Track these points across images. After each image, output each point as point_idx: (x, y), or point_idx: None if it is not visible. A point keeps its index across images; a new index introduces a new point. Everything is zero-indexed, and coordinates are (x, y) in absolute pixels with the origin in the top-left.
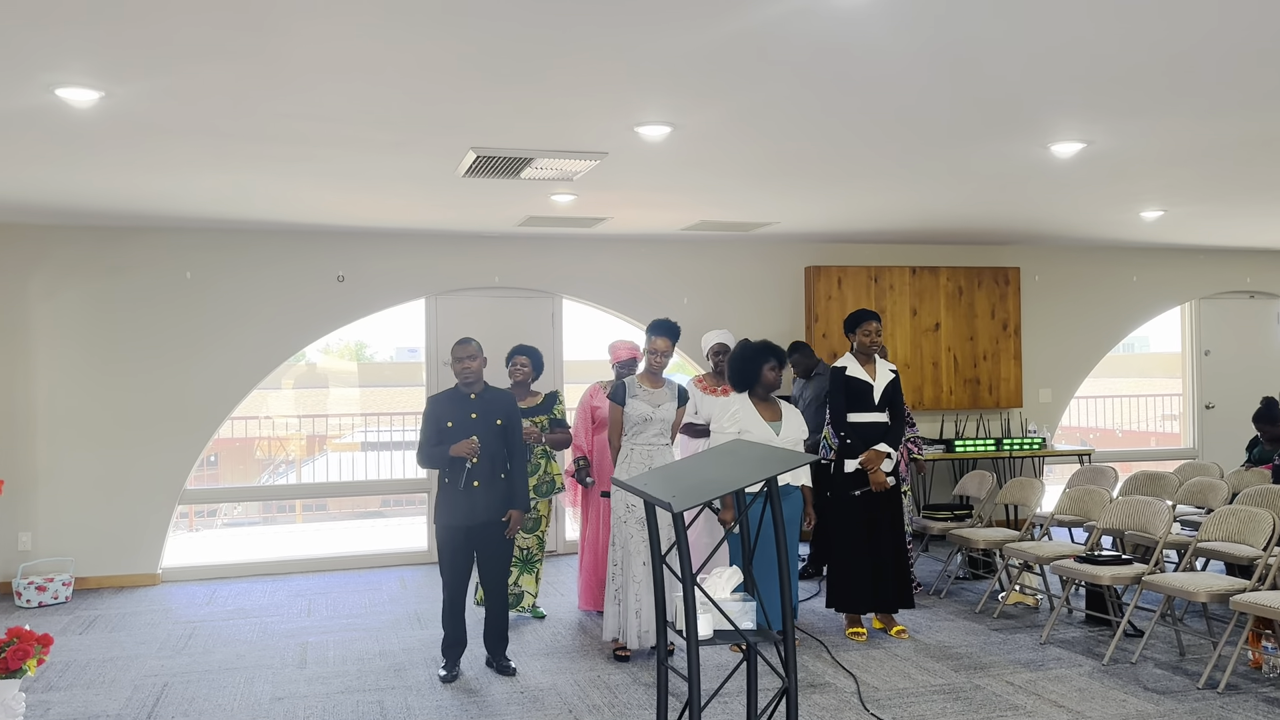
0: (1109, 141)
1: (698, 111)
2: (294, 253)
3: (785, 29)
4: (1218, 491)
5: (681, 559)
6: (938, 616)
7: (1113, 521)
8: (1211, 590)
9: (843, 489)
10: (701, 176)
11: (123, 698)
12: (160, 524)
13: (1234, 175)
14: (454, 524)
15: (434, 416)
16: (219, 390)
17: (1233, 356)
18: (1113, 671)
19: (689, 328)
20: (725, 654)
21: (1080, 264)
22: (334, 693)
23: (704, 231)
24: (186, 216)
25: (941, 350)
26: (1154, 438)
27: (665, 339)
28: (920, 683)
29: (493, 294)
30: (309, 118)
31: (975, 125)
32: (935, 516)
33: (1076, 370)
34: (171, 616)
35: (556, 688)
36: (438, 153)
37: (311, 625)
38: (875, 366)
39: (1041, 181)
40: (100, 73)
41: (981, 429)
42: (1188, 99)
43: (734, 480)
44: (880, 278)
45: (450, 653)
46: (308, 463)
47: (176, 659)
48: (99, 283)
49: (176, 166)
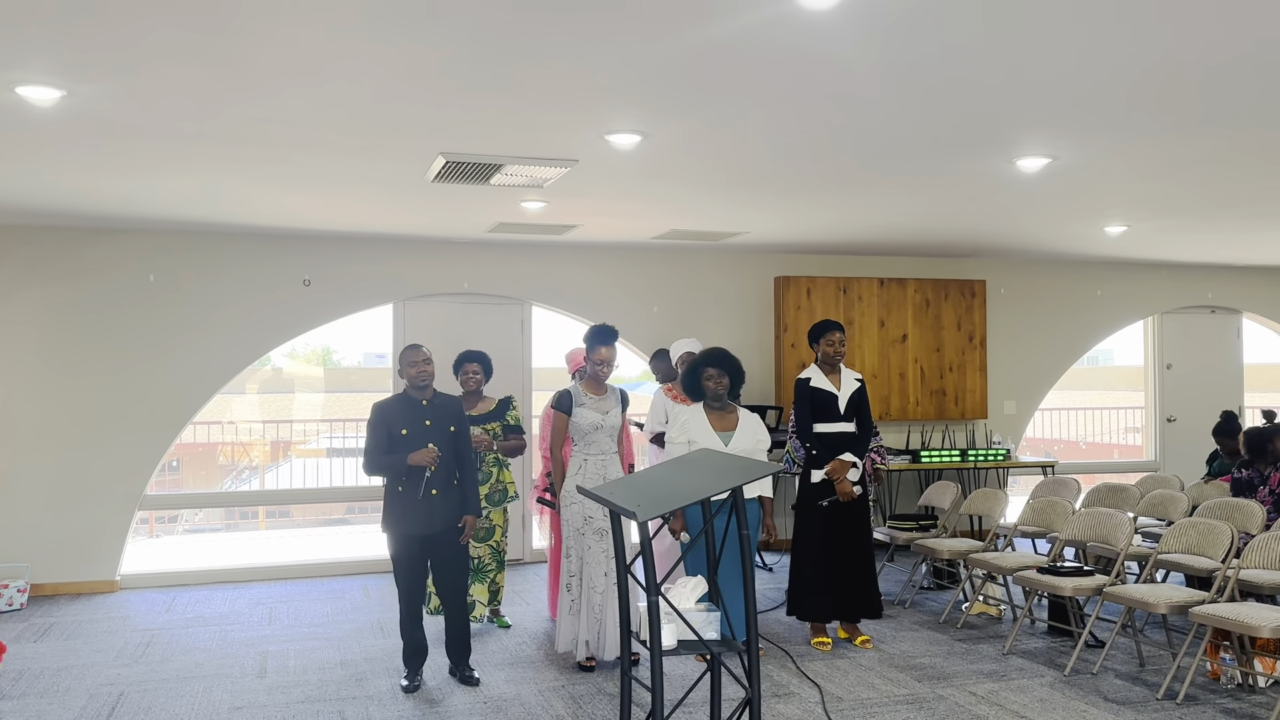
0: (1074, 157)
1: (668, 121)
2: (260, 256)
3: (756, 41)
4: (1178, 504)
5: (646, 569)
6: (902, 626)
7: (1075, 533)
8: (1171, 602)
9: (809, 499)
10: (671, 185)
11: (77, 707)
12: (119, 530)
13: (1195, 192)
14: (411, 533)
15: (384, 423)
16: (182, 394)
17: (1194, 371)
18: (1074, 682)
19: (658, 337)
20: (690, 664)
21: (1046, 278)
22: (294, 702)
23: (674, 240)
24: (150, 218)
25: (909, 361)
26: (1116, 450)
27: (610, 348)
28: (884, 692)
29: (462, 300)
30: (276, 120)
31: (943, 139)
32: (900, 527)
33: (1041, 382)
34: (129, 624)
35: (520, 698)
36: (407, 158)
37: (272, 634)
38: (840, 376)
39: (1008, 195)
40: (63, 71)
41: (947, 440)
42: (1150, 116)
43: (697, 490)
44: (849, 289)
45: (411, 662)
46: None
47: (133, 667)
48: (60, 284)
49: (141, 168)
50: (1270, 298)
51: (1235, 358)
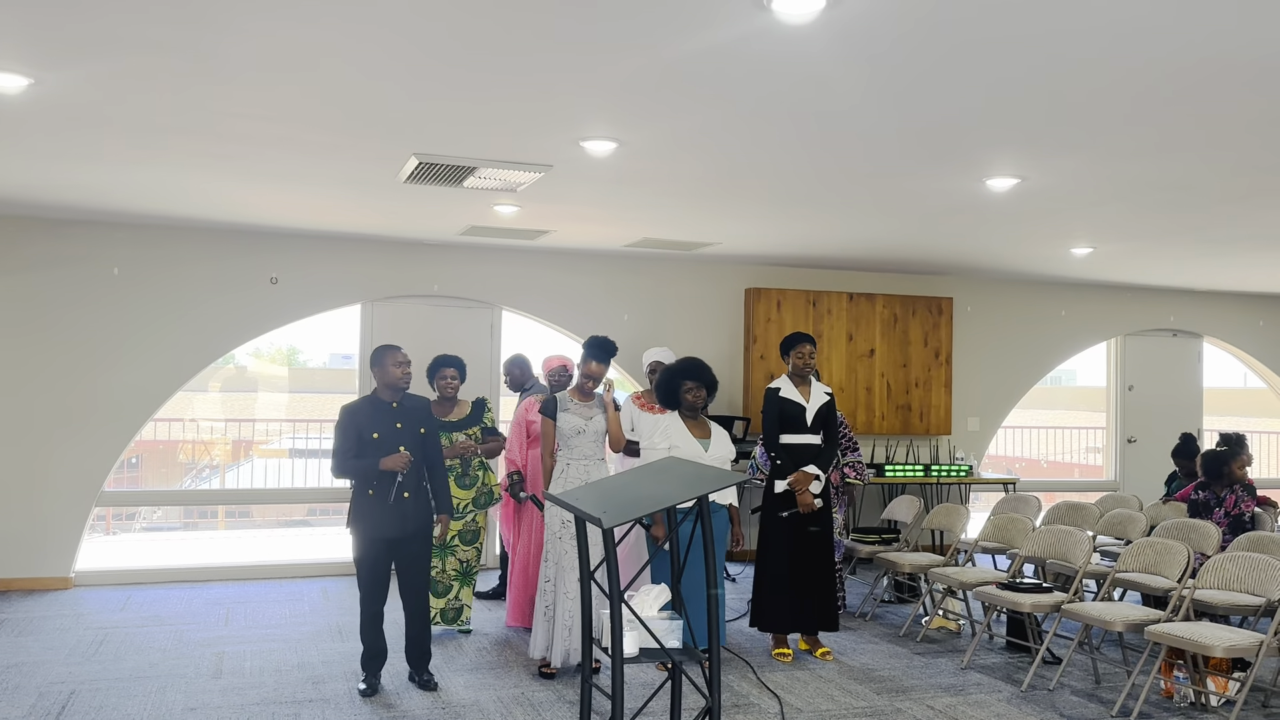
0: (1043, 178)
1: (644, 129)
2: (227, 252)
3: (734, 53)
4: (1136, 524)
5: (610, 576)
6: (862, 639)
7: (1035, 550)
8: (1127, 620)
9: (771, 509)
10: (645, 194)
11: (26, 704)
12: (75, 526)
13: (1160, 216)
14: (381, 536)
15: (353, 426)
16: (142, 390)
17: (1155, 392)
18: (1030, 698)
19: (629, 344)
20: (650, 672)
21: (1012, 297)
22: (249, 704)
23: (646, 249)
24: (116, 210)
25: (875, 376)
26: (1077, 469)
27: (603, 366)
28: (843, 704)
29: (431, 302)
30: (247, 116)
31: (915, 157)
32: (863, 540)
33: (1004, 400)
34: (83, 622)
35: (479, 704)
36: (379, 157)
37: (229, 635)
38: (810, 388)
39: (977, 215)
40: (30, 59)
41: (911, 455)
42: (1118, 138)
43: (665, 497)
44: (819, 302)
45: (370, 665)
46: (232, 468)
47: (85, 666)
48: (20, 275)
49: (108, 159)
50: (1230, 322)
51: (1195, 381)
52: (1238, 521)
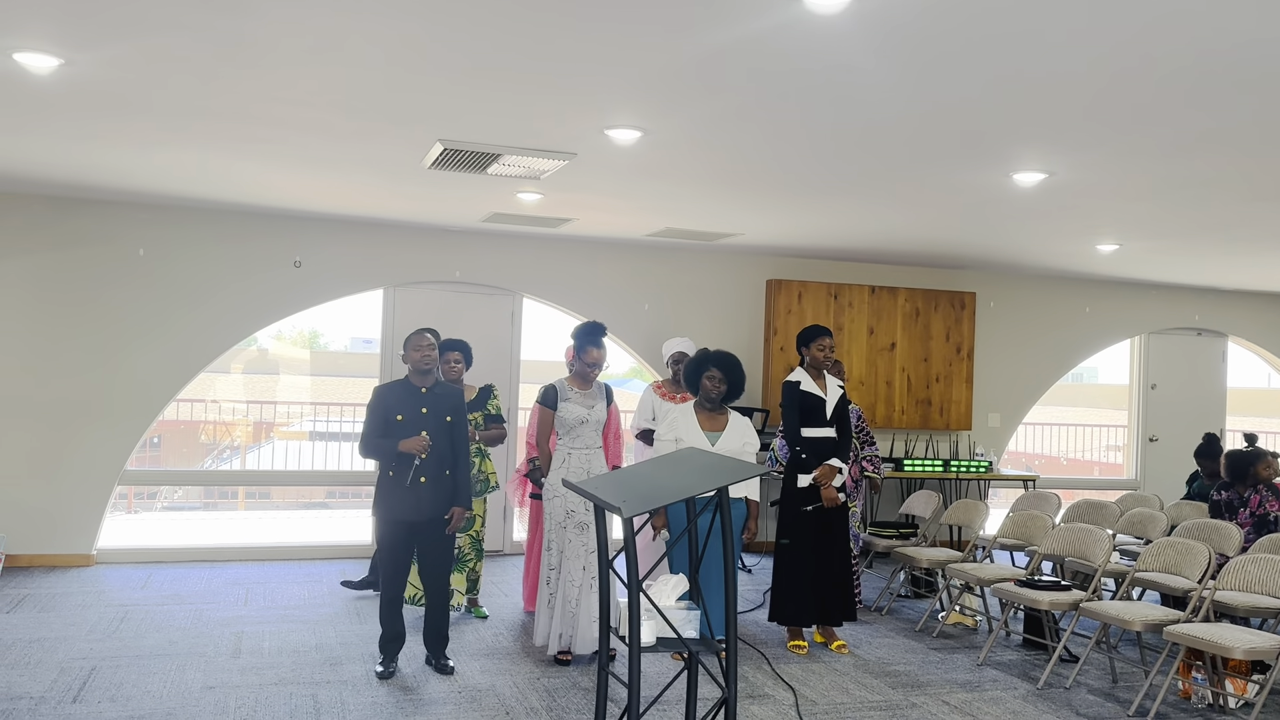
0: (1070, 174)
1: (669, 118)
2: (252, 235)
3: (763, 43)
4: (1157, 523)
5: (629, 565)
6: (878, 633)
7: (1054, 547)
8: (1146, 620)
9: (793, 503)
10: (669, 183)
11: (48, 680)
12: (97, 504)
13: (1187, 215)
14: (398, 519)
15: (381, 407)
16: (166, 371)
17: (1178, 391)
18: (1047, 695)
19: (649, 334)
20: (666, 661)
21: (1035, 293)
22: (267, 684)
23: (668, 239)
24: (143, 191)
25: (896, 370)
26: (1097, 467)
27: (601, 350)
28: (858, 698)
29: (453, 288)
30: (275, 100)
31: (942, 150)
32: (881, 534)
33: (1026, 397)
34: (104, 599)
35: (495, 688)
36: (404, 142)
37: (248, 615)
38: (825, 382)
39: (1003, 209)
40: (62, 39)
41: (930, 449)
42: (1145, 135)
43: (684, 488)
44: (840, 295)
45: (388, 649)
46: (253, 449)
47: (106, 642)
48: (47, 254)
49: (136, 140)
50: (1256, 322)
51: (1219, 380)
52: (1262, 522)
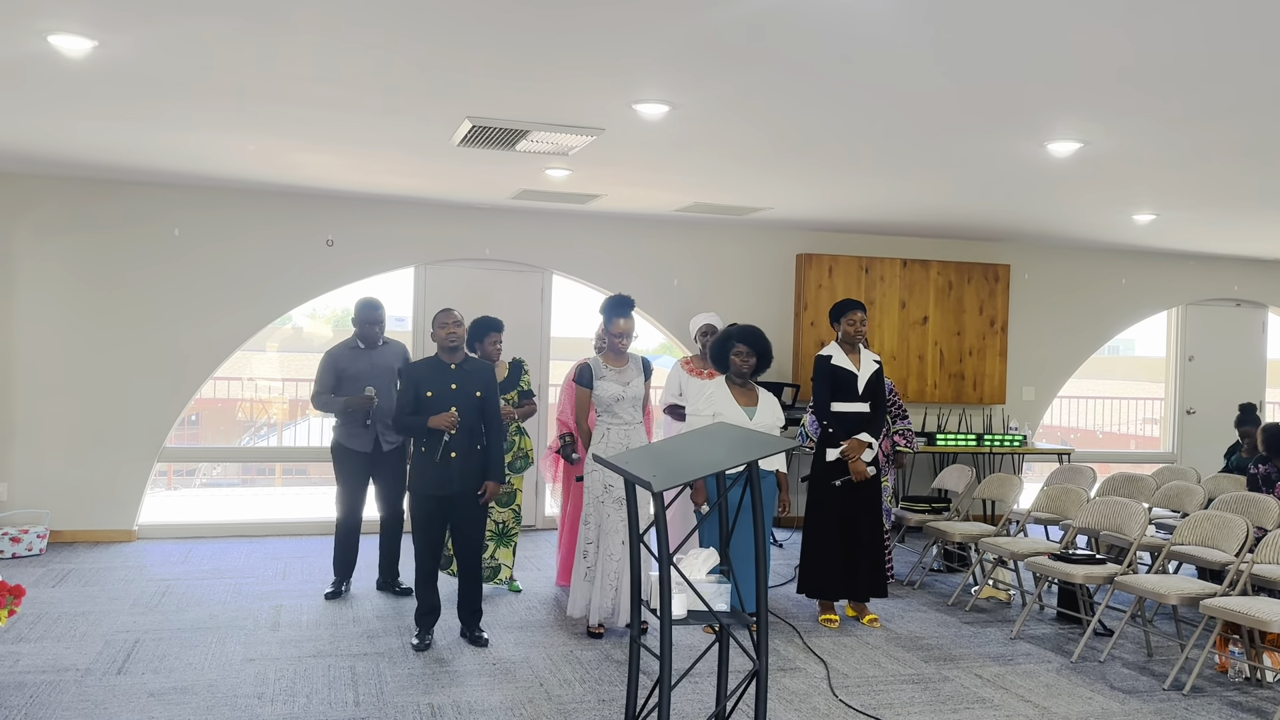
0: (1106, 142)
1: (697, 92)
2: (285, 214)
3: (791, 14)
4: (1194, 496)
5: (659, 539)
6: (910, 607)
7: (1089, 521)
8: (1182, 593)
9: (823, 477)
10: (697, 158)
11: (93, 652)
12: (138, 481)
13: (1226, 182)
14: (429, 493)
15: (411, 384)
16: (203, 349)
17: (1216, 363)
18: (1081, 669)
19: (679, 309)
20: (697, 634)
21: (1070, 264)
22: (305, 656)
23: (697, 214)
24: (177, 172)
25: (928, 344)
26: (1134, 440)
27: (628, 319)
28: (890, 671)
29: (483, 266)
30: (306, 78)
31: (974, 119)
32: (913, 508)
33: (1061, 370)
34: (146, 574)
35: (528, 660)
36: (433, 120)
37: (286, 588)
38: (860, 356)
39: (1037, 180)
40: (96, 21)
41: (964, 424)
42: (1185, 99)
43: (715, 462)
44: (871, 269)
45: (423, 621)
46: (289, 426)
47: (149, 616)
48: (85, 235)
49: (168, 121)
50: None
51: (1259, 352)
52: None
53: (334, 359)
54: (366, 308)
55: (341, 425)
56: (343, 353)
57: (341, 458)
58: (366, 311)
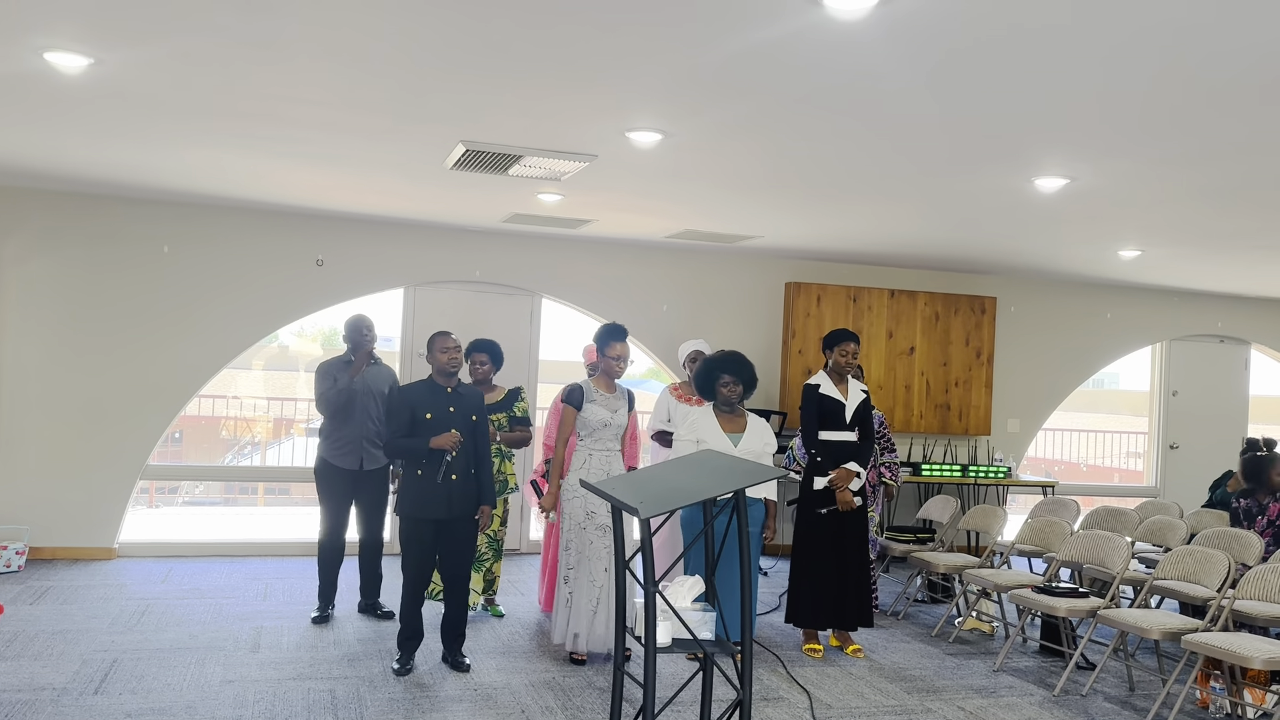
0: (1093, 179)
1: (690, 120)
2: (274, 233)
3: (785, 47)
4: (1176, 531)
5: (645, 566)
6: (894, 638)
7: (1072, 554)
8: (1165, 628)
9: (809, 506)
10: (689, 186)
11: (70, 671)
12: (120, 498)
13: (1210, 221)
14: (426, 517)
15: (407, 407)
16: (188, 366)
17: (1200, 399)
18: (1063, 702)
19: (667, 336)
20: (681, 662)
21: (1056, 298)
22: (285, 679)
23: (687, 241)
24: (168, 189)
25: (915, 374)
26: (1117, 474)
27: (624, 344)
28: (873, 702)
29: (472, 288)
30: (299, 100)
31: (963, 155)
32: (898, 538)
33: (1046, 402)
34: (125, 592)
35: (510, 687)
36: (426, 143)
37: (267, 609)
38: (848, 386)
39: (1025, 214)
40: (92, 39)
41: (949, 454)
42: (1162, 146)
43: (701, 490)
44: (859, 298)
45: (406, 645)
46: (273, 445)
47: (127, 635)
48: (74, 249)
49: (162, 139)
50: (1279, 330)
51: (1241, 388)
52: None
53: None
54: (362, 325)
55: (331, 442)
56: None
57: (326, 476)
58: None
